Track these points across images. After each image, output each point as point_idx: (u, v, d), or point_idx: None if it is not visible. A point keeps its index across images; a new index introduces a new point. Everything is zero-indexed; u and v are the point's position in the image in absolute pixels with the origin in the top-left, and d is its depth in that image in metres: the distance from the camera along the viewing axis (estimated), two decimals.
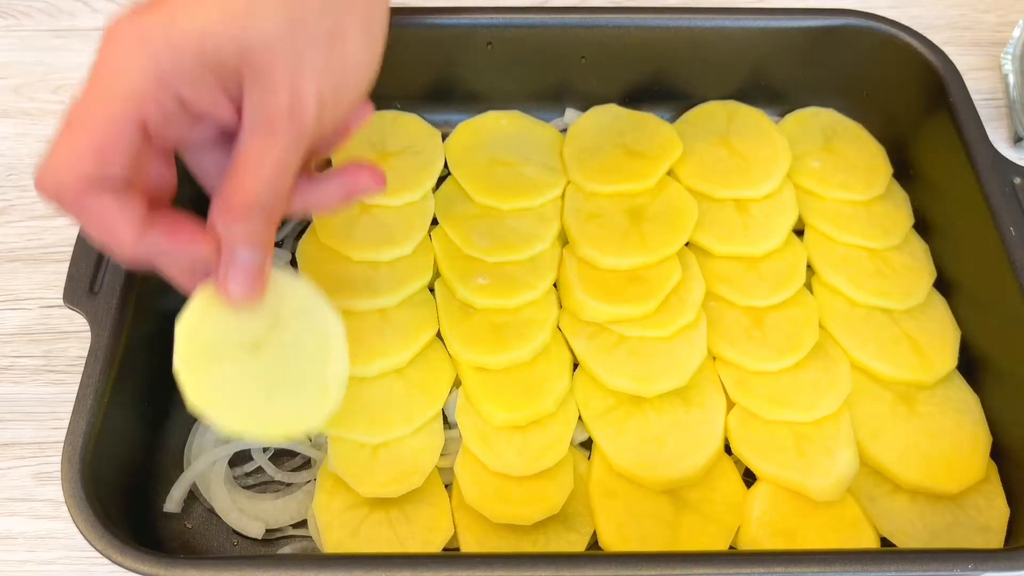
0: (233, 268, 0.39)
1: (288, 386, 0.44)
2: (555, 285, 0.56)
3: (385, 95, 0.59)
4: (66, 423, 0.44)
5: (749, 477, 0.50)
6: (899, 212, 0.59)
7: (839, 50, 0.61)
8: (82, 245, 0.50)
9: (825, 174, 0.59)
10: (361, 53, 0.41)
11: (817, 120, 0.63)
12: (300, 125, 0.38)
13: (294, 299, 0.44)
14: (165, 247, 0.39)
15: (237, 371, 0.43)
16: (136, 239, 0.38)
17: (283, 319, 0.44)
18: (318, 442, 0.51)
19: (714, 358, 0.53)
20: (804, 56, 0.62)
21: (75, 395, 0.45)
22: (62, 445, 0.43)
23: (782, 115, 0.64)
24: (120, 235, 0.38)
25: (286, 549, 0.48)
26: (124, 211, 0.37)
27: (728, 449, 0.50)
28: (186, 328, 0.43)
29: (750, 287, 0.55)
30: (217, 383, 0.43)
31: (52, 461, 0.53)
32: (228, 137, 0.40)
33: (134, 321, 0.48)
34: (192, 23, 0.36)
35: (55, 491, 0.52)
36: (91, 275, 0.49)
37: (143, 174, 0.39)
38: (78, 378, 0.47)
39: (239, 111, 0.39)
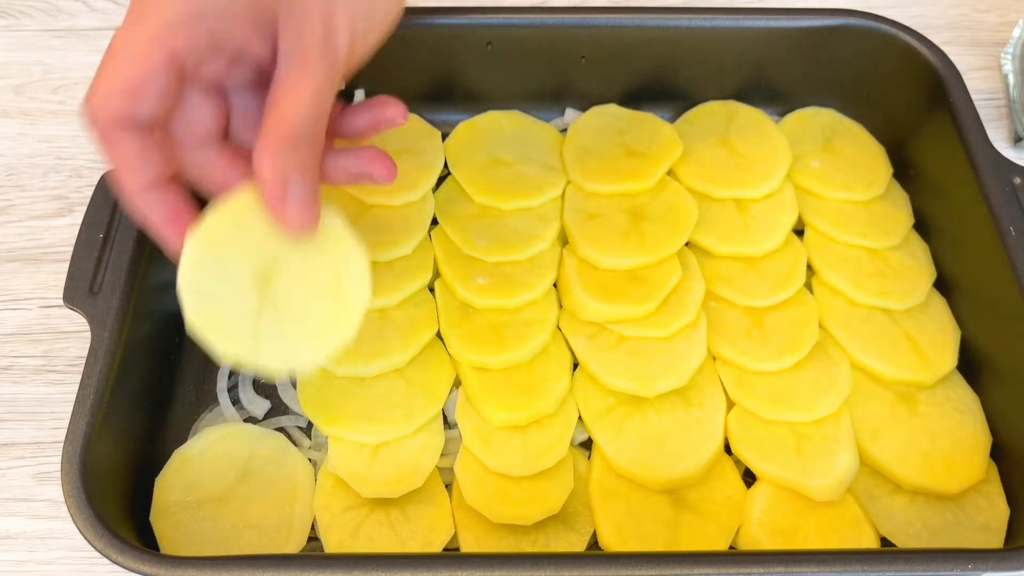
0: (291, 199, 0.40)
1: (299, 316, 0.43)
2: (555, 285, 0.56)
3: (385, 95, 0.59)
4: (66, 423, 0.44)
5: (749, 477, 0.50)
6: (899, 212, 0.59)
7: (839, 50, 0.61)
8: (82, 245, 0.50)
9: (825, 174, 0.59)
10: None
11: (817, 120, 0.63)
12: (334, 57, 0.40)
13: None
14: (154, 215, 0.41)
15: (245, 292, 0.43)
16: (138, 190, 0.40)
17: (302, 247, 0.43)
18: (318, 443, 0.51)
19: (714, 358, 0.53)
20: (804, 56, 0.62)
21: (75, 395, 0.45)
22: (62, 445, 0.44)
23: (782, 115, 0.64)
24: (127, 179, 0.40)
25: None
26: (140, 159, 0.39)
27: (728, 449, 0.50)
28: (197, 243, 0.42)
29: (750, 287, 0.55)
30: (222, 304, 0.42)
31: (52, 461, 0.53)
32: (264, 80, 0.41)
33: (134, 321, 0.48)
34: None
35: (55, 491, 0.52)
36: (91, 275, 0.49)
37: (186, 113, 0.41)
38: (78, 378, 0.47)
39: (274, 53, 0.40)
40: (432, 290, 0.55)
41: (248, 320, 0.42)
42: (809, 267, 0.56)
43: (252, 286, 0.42)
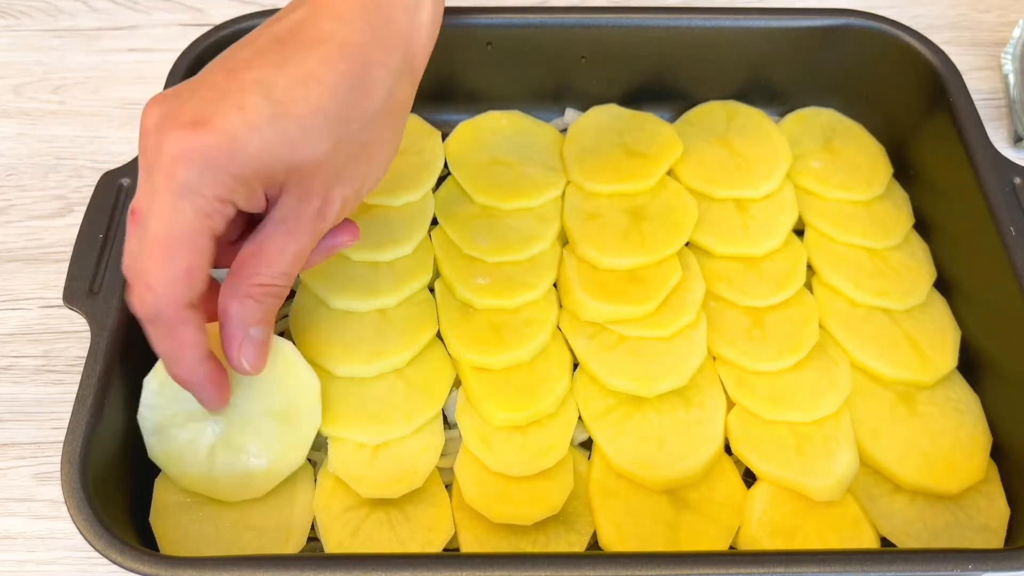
0: (245, 344, 0.43)
1: (250, 446, 0.47)
2: (555, 285, 0.56)
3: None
4: (66, 423, 0.44)
5: (749, 477, 0.50)
6: (899, 212, 0.59)
7: (839, 50, 0.61)
8: (82, 245, 0.50)
9: (825, 174, 0.59)
10: (385, 156, 0.46)
11: (817, 120, 0.63)
12: (322, 226, 0.43)
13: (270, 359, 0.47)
14: (209, 384, 0.44)
15: (201, 426, 0.47)
16: (199, 363, 0.43)
17: (253, 377, 0.46)
18: (318, 443, 0.51)
19: (714, 358, 0.53)
20: (804, 56, 0.62)
21: (75, 395, 0.45)
22: (62, 445, 0.43)
23: (782, 115, 0.64)
24: (190, 356, 0.42)
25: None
26: (200, 334, 0.42)
27: (728, 449, 0.50)
28: (155, 383, 0.47)
29: (750, 287, 0.55)
30: (179, 438, 0.47)
31: (52, 461, 0.53)
32: (243, 213, 0.43)
33: (134, 321, 0.48)
34: (251, 146, 0.39)
35: (55, 491, 0.52)
36: (91, 275, 0.49)
37: None
38: (78, 378, 0.47)
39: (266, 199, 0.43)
40: (432, 290, 0.55)
41: (204, 452, 0.46)
42: (809, 267, 0.56)
43: (206, 418, 0.46)
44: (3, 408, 0.55)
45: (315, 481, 0.49)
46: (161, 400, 0.47)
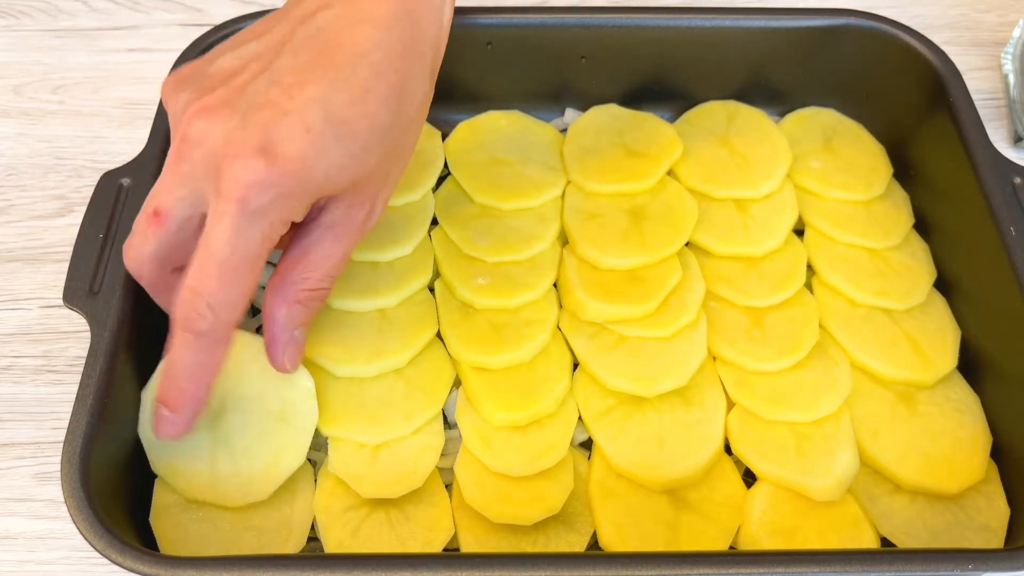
0: (289, 346, 0.45)
1: (249, 449, 0.47)
2: (555, 285, 0.56)
3: None
4: (66, 423, 0.44)
5: (749, 477, 0.50)
6: (899, 212, 0.59)
7: (839, 50, 0.61)
8: (82, 245, 0.50)
9: (825, 174, 0.59)
10: (410, 155, 0.47)
11: (817, 120, 0.63)
12: (369, 227, 0.46)
13: (262, 359, 0.47)
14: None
15: (200, 433, 0.47)
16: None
17: (248, 379, 0.47)
18: (318, 443, 0.51)
19: (714, 358, 0.53)
20: (804, 56, 0.62)
21: (75, 395, 0.45)
22: (62, 445, 0.43)
23: (782, 115, 0.64)
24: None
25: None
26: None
27: (728, 449, 0.50)
28: (151, 396, 0.47)
29: (750, 287, 0.55)
30: (179, 447, 0.46)
31: (52, 461, 0.53)
32: None
33: (134, 321, 0.48)
34: (319, 169, 0.40)
35: (55, 491, 0.52)
36: (91, 275, 0.49)
37: (184, 247, 0.44)
38: (78, 378, 0.47)
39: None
40: (432, 290, 0.55)
41: (204, 458, 0.47)
42: (809, 267, 0.56)
43: (205, 426, 0.47)
44: (3, 408, 0.55)
45: (315, 481, 0.49)
46: None
